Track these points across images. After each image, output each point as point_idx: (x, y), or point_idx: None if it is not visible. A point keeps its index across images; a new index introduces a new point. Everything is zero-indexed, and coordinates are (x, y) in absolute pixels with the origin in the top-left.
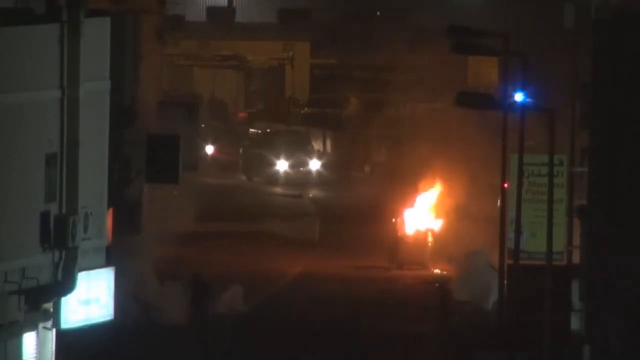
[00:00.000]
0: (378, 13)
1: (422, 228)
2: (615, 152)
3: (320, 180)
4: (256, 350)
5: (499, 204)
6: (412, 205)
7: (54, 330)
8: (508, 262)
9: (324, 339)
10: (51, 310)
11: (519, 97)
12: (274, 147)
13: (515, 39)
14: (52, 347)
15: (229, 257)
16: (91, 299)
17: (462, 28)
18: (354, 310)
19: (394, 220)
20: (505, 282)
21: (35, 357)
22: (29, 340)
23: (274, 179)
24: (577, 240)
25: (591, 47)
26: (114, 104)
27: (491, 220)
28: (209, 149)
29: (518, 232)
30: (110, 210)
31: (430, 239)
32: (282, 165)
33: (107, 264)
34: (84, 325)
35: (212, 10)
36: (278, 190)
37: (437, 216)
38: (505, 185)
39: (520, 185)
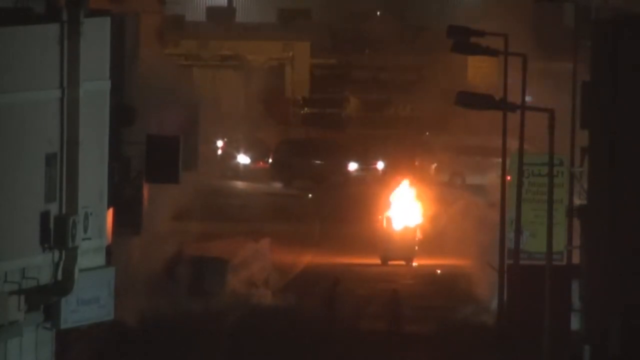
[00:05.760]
0: (378, 13)
1: (412, 224)
2: (614, 152)
3: None
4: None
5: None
6: (395, 203)
7: (54, 330)
8: (508, 262)
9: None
10: (51, 310)
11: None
12: None
13: (515, 39)
14: (52, 347)
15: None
16: (91, 299)
17: (462, 28)
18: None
19: (380, 217)
20: (506, 282)
21: (35, 357)
22: (29, 340)
23: None
24: (577, 240)
25: (591, 47)
26: (114, 104)
27: (484, 219)
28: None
29: (518, 232)
30: (111, 210)
31: (419, 234)
32: None
33: (107, 264)
34: (84, 325)
35: (212, 10)
36: None
37: (426, 213)
38: (508, 178)
39: (520, 185)
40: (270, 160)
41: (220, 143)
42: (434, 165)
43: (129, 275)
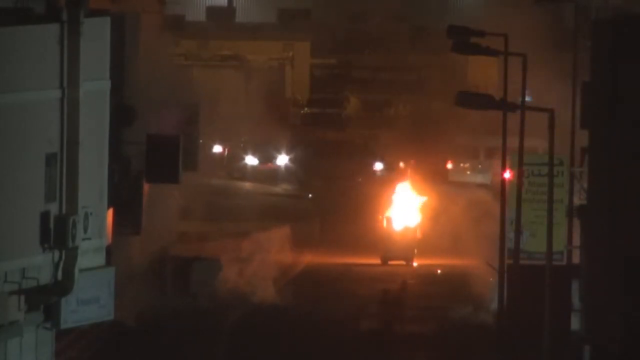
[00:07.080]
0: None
1: (412, 224)
2: (614, 152)
3: None
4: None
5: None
6: (395, 203)
7: (54, 330)
8: (508, 262)
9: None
10: (51, 310)
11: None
12: None
13: (515, 39)
14: (52, 347)
15: None
16: (91, 299)
17: (462, 28)
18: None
19: (380, 217)
20: (506, 282)
21: (35, 357)
22: (29, 340)
23: None
24: (577, 240)
25: (591, 47)
26: (114, 104)
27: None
28: None
29: (518, 232)
30: (111, 210)
31: (418, 234)
32: None
33: (107, 264)
34: (84, 325)
35: (212, 10)
36: None
37: (426, 213)
38: (508, 174)
39: (520, 185)
40: (285, 162)
41: (219, 148)
42: (467, 165)
43: (128, 275)
